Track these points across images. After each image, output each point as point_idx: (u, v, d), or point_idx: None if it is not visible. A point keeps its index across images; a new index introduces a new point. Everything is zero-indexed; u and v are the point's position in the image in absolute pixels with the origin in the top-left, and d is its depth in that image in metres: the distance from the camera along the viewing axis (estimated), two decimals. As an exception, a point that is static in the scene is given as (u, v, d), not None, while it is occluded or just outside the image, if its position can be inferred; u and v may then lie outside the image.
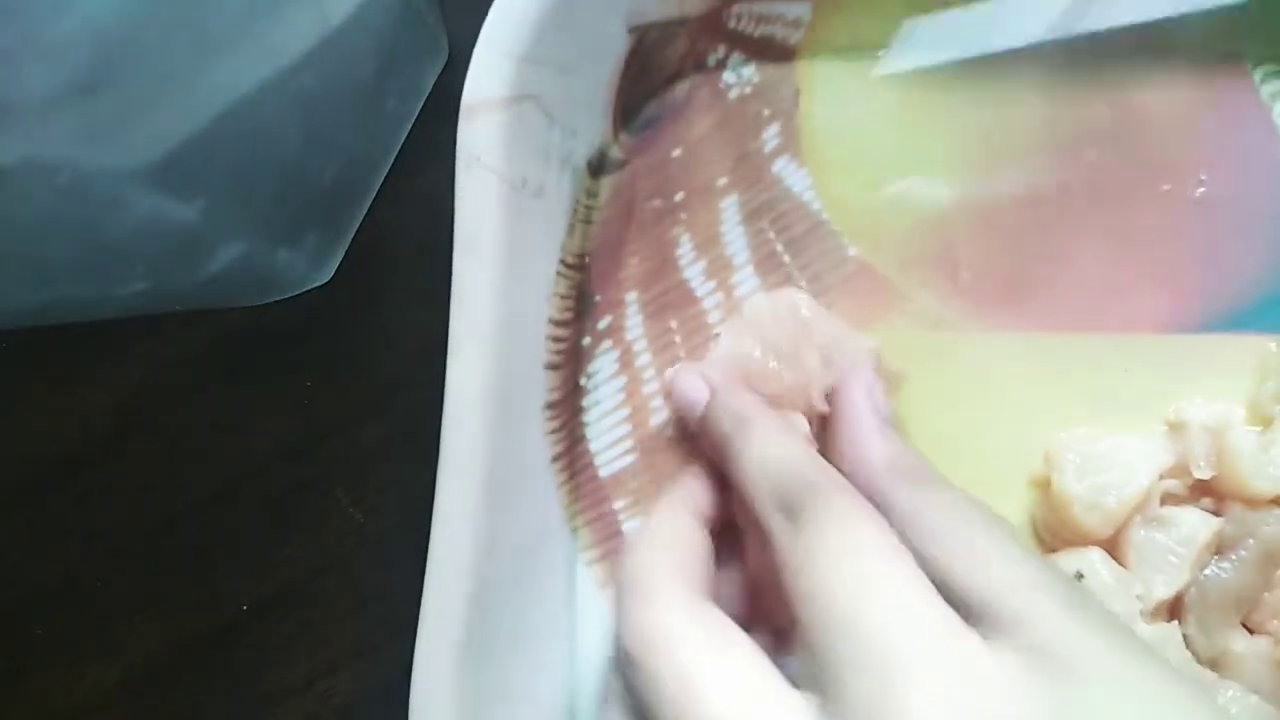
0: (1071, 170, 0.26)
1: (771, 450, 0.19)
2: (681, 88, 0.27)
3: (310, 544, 0.28)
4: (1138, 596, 0.22)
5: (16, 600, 0.29)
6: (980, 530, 0.17)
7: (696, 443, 0.24)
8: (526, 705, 0.23)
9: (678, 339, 0.26)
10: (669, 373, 0.25)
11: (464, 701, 0.21)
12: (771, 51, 0.27)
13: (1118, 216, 0.25)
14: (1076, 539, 0.23)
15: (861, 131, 0.27)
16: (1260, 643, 0.22)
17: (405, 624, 0.22)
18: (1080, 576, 0.22)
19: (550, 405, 0.25)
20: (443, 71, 0.30)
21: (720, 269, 0.27)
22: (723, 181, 0.27)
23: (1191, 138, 0.25)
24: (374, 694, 0.27)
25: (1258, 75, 0.25)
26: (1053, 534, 0.23)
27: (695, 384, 0.24)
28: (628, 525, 0.25)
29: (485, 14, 0.23)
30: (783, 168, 0.27)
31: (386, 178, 0.30)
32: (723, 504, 0.22)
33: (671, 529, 0.20)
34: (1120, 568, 0.22)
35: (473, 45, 0.23)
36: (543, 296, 0.25)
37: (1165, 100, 0.26)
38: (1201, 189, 0.25)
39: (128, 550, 0.29)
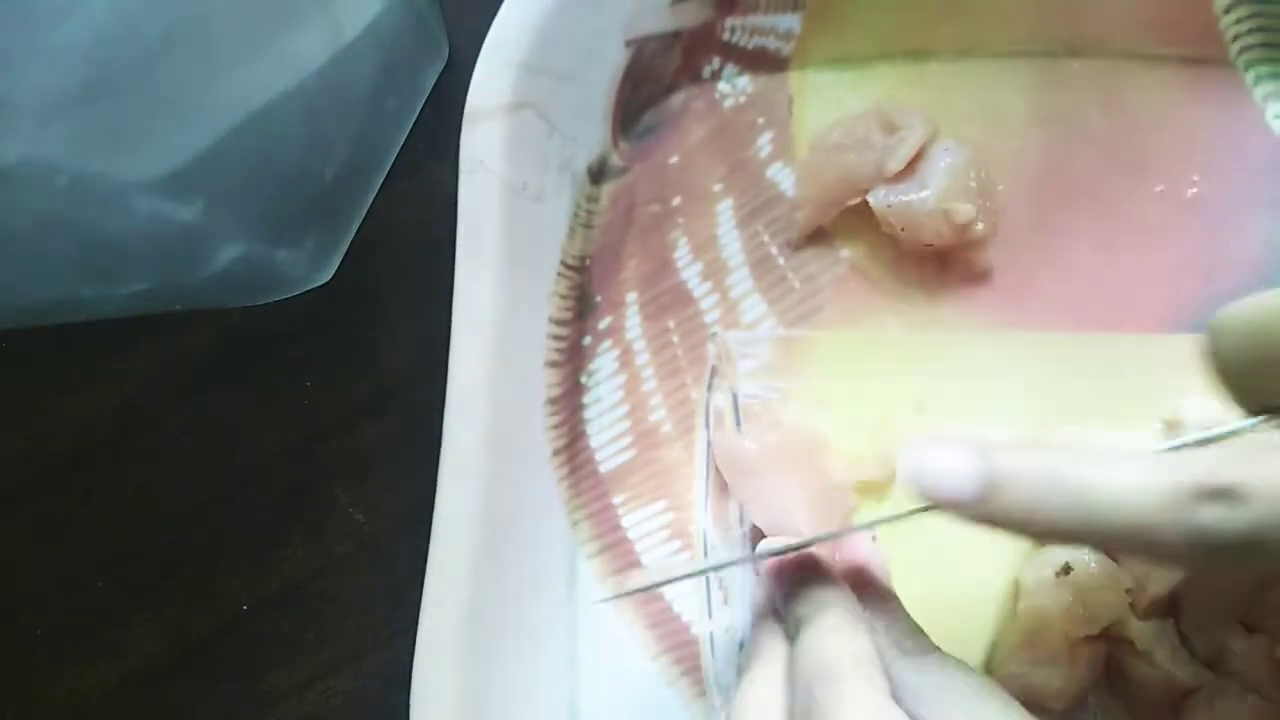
0: (1064, 172, 0.26)
1: (823, 639, 0.19)
2: (678, 98, 0.27)
3: (310, 544, 0.28)
4: (1127, 591, 0.22)
5: (16, 600, 0.29)
6: (979, 705, 0.17)
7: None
8: (527, 701, 0.23)
9: (675, 339, 0.27)
10: (773, 563, 0.22)
11: (465, 699, 0.21)
12: (765, 63, 0.27)
13: (1111, 218, 0.26)
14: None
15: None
16: (1259, 641, 0.22)
17: (405, 624, 0.22)
18: (1068, 569, 0.22)
19: (551, 401, 0.25)
20: (443, 72, 0.30)
21: (716, 271, 0.27)
22: (718, 187, 0.27)
23: (1184, 139, 0.26)
24: (374, 694, 0.27)
25: (1250, 77, 0.25)
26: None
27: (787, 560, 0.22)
28: (627, 520, 0.25)
29: (485, 15, 0.24)
30: (776, 173, 0.27)
31: (386, 178, 0.30)
32: None
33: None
34: (1109, 562, 0.22)
35: (472, 45, 0.24)
36: (543, 296, 0.25)
37: (1157, 102, 0.26)
38: (1194, 189, 0.25)
39: (128, 550, 0.29)
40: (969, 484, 0.17)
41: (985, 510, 0.17)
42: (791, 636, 0.20)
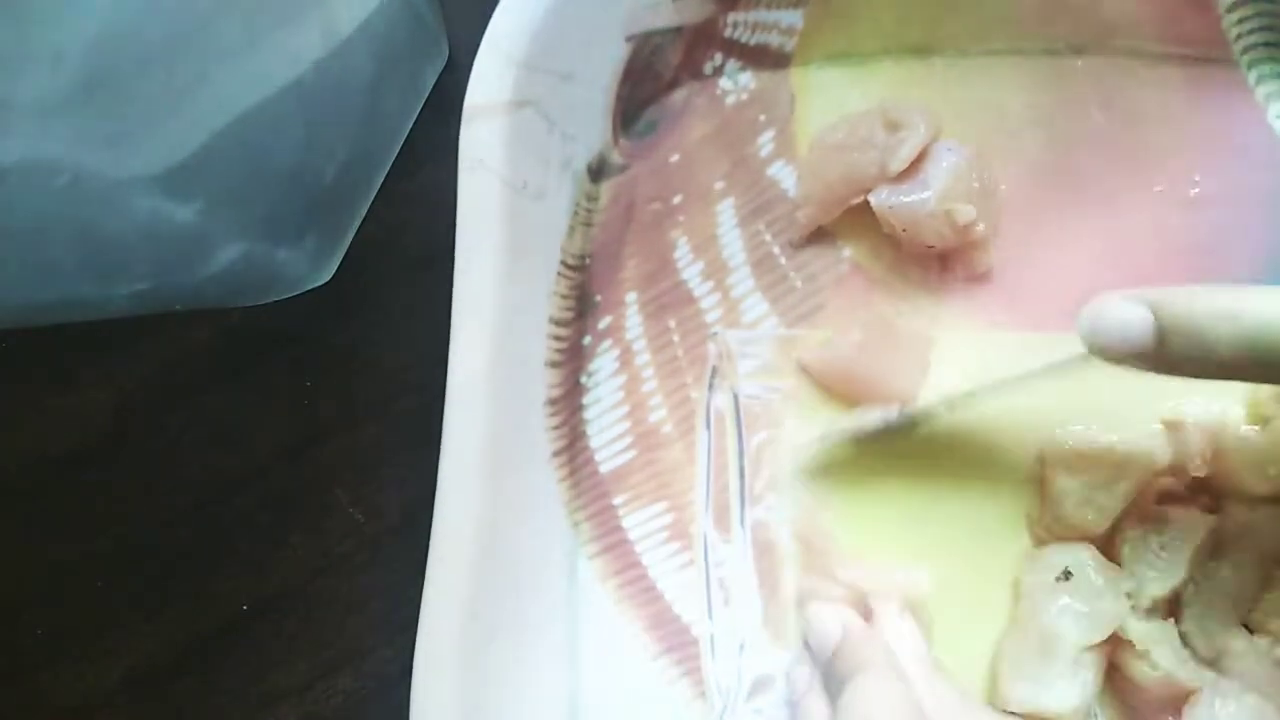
0: (1065, 172, 0.26)
1: (862, 692, 0.20)
2: (679, 95, 0.27)
3: (310, 544, 0.28)
4: (1128, 593, 0.22)
5: (16, 600, 0.29)
6: None
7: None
8: (527, 701, 0.23)
9: (676, 338, 0.26)
10: (813, 608, 0.24)
11: (465, 699, 0.21)
12: (767, 59, 0.27)
13: (1112, 217, 0.25)
14: (1071, 535, 0.23)
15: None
16: (1260, 642, 0.22)
17: (405, 624, 0.22)
18: (1068, 574, 0.22)
19: (551, 402, 0.25)
20: (443, 72, 0.30)
21: (717, 270, 0.27)
22: (720, 185, 0.27)
23: (1185, 138, 0.25)
24: (374, 694, 0.27)
25: (1252, 76, 0.25)
26: (1047, 530, 0.24)
27: (831, 625, 0.23)
28: (627, 520, 0.25)
29: (485, 15, 0.24)
30: (778, 171, 0.27)
31: (386, 178, 0.30)
32: None
33: None
34: (1110, 564, 0.22)
35: (472, 45, 0.23)
36: (543, 296, 0.25)
37: (1159, 101, 0.26)
38: (1195, 189, 0.25)
39: (128, 550, 0.29)
40: (1144, 335, 0.18)
41: (1162, 356, 0.18)
42: (834, 696, 0.21)
